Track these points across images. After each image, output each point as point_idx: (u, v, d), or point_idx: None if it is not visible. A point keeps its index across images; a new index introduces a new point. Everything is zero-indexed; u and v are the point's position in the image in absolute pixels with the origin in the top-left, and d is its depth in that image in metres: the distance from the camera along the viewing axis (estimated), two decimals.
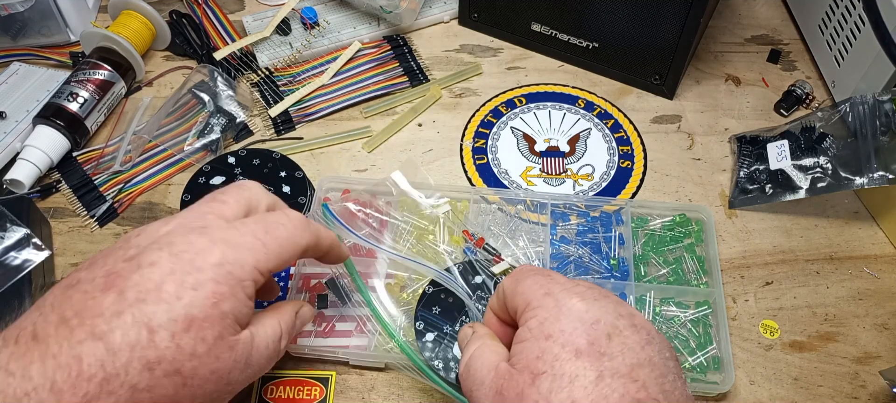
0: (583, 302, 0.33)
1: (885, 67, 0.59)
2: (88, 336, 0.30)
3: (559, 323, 0.32)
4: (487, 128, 0.68)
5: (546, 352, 0.31)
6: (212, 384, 0.33)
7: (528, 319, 0.33)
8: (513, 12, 0.73)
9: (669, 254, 0.57)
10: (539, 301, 0.34)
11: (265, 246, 0.36)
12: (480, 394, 0.34)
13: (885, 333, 0.54)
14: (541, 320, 0.33)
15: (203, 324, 0.32)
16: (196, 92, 0.67)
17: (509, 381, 0.32)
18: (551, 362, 0.31)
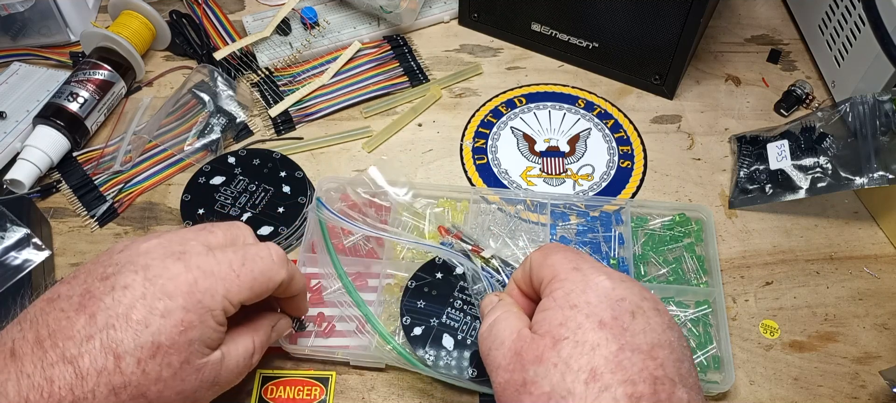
0: (610, 281, 0.34)
1: (884, 67, 0.59)
2: (60, 359, 0.32)
3: (585, 295, 0.33)
4: (487, 128, 0.68)
5: (570, 320, 0.32)
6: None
7: (554, 290, 0.34)
8: (513, 12, 0.73)
9: (669, 254, 0.57)
10: (567, 274, 0.34)
11: (238, 278, 0.36)
12: (498, 354, 0.34)
13: (885, 333, 0.54)
14: (566, 291, 0.34)
15: (169, 351, 0.33)
16: (196, 92, 0.67)
17: (530, 344, 0.33)
18: (574, 329, 0.32)
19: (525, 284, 0.39)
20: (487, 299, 0.41)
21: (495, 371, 0.35)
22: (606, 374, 0.30)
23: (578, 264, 0.35)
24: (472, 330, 0.48)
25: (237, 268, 0.37)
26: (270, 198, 0.58)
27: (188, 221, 0.56)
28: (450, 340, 0.48)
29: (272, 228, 0.56)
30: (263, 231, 0.56)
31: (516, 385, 0.32)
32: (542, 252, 0.38)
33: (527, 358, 0.32)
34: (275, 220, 0.56)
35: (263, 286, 0.38)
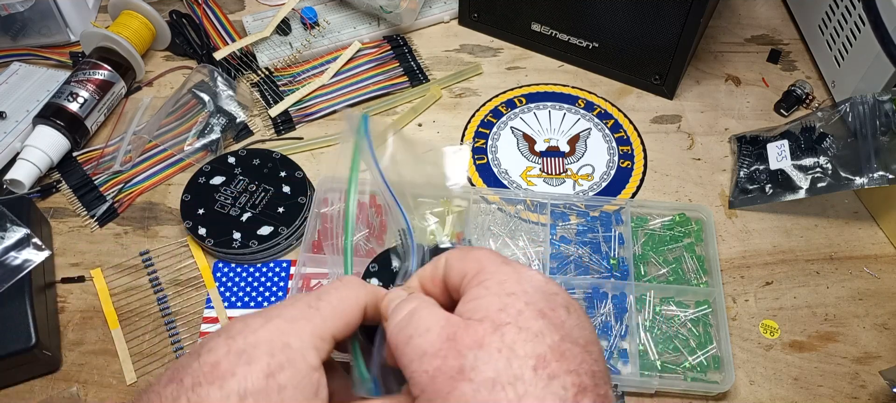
0: (541, 276, 0.33)
1: (885, 67, 0.59)
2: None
3: (521, 285, 0.32)
4: (487, 128, 0.68)
5: (509, 306, 0.31)
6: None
7: (484, 279, 0.33)
8: (513, 12, 0.73)
9: (669, 254, 0.57)
10: (496, 267, 0.33)
11: (319, 311, 0.36)
12: (423, 341, 0.32)
13: (885, 333, 0.54)
14: (500, 280, 0.32)
15: (259, 397, 0.33)
16: (196, 92, 0.67)
17: (465, 329, 0.31)
18: (515, 315, 0.31)
19: (433, 284, 0.37)
20: (394, 292, 0.38)
21: (420, 360, 0.32)
22: (553, 363, 0.30)
23: (506, 260, 0.34)
24: None
25: (314, 304, 0.36)
26: (270, 198, 0.58)
27: (188, 221, 0.56)
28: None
29: (272, 228, 0.56)
30: (263, 231, 0.56)
31: (451, 372, 0.30)
32: (461, 250, 0.36)
33: (464, 343, 0.31)
34: (275, 220, 0.56)
35: (347, 311, 0.37)
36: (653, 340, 0.52)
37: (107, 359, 0.51)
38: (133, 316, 0.53)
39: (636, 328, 0.52)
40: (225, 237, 0.55)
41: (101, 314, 0.53)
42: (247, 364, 0.33)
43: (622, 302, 0.53)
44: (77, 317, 0.53)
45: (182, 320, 0.54)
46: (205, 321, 0.53)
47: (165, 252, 0.57)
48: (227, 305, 0.54)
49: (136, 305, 0.54)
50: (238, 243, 0.55)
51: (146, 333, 0.53)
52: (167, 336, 0.52)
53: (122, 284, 0.55)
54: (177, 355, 0.51)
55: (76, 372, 0.51)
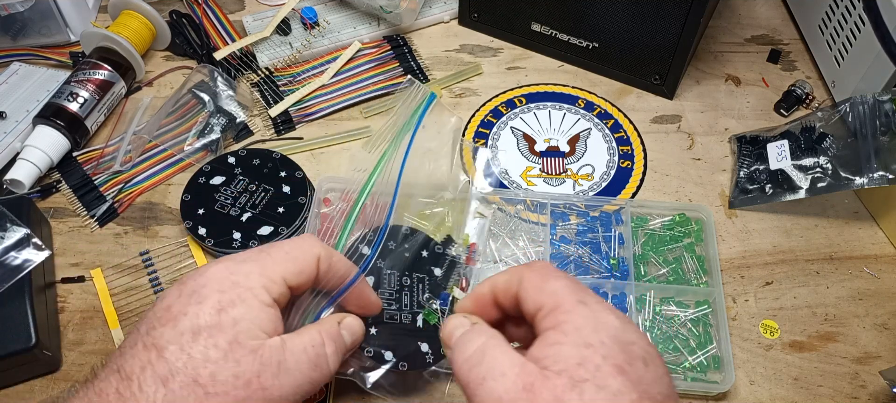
0: (619, 321, 0.32)
1: (885, 67, 0.59)
2: (111, 373, 0.33)
3: (598, 335, 0.30)
4: (487, 128, 0.68)
5: (587, 361, 0.30)
6: (241, 389, 0.33)
7: (560, 322, 0.32)
8: (513, 12, 0.73)
9: (669, 254, 0.57)
10: (572, 306, 0.32)
11: (269, 255, 0.37)
12: (497, 386, 0.31)
13: (885, 333, 0.54)
14: (576, 326, 0.31)
15: (212, 331, 0.33)
16: (196, 92, 0.67)
17: (543, 381, 0.30)
18: (593, 372, 0.29)
19: (505, 296, 0.36)
20: (457, 321, 0.36)
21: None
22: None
23: (583, 297, 0.33)
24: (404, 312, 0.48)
25: (265, 249, 0.37)
26: (270, 198, 0.58)
27: (188, 221, 0.56)
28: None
29: (272, 228, 0.56)
30: (263, 231, 0.56)
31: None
32: (540, 274, 0.34)
33: (541, 397, 0.29)
34: (275, 220, 0.56)
35: (300, 258, 0.38)
36: (653, 340, 0.52)
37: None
38: (133, 315, 0.53)
39: None
40: (225, 237, 0.55)
41: (101, 314, 0.53)
42: (198, 302, 0.34)
43: (622, 303, 0.53)
44: (77, 317, 0.53)
45: None
46: None
47: (165, 252, 0.57)
48: None
49: (136, 305, 0.54)
50: (238, 243, 0.55)
51: None
52: None
53: (122, 284, 0.55)
54: None
55: (76, 372, 0.51)
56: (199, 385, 0.32)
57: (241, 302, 0.35)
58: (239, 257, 0.37)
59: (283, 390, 0.35)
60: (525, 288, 0.34)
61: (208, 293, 0.34)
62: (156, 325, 0.34)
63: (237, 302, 0.34)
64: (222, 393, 0.33)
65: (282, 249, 0.38)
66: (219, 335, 0.33)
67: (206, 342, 0.33)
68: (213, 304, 0.34)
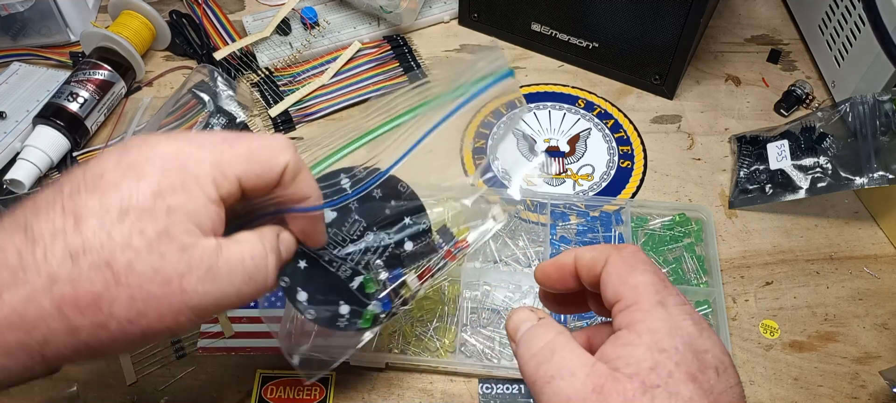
0: (696, 328, 0.31)
1: (885, 67, 0.59)
2: (16, 230, 0.29)
3: (672, 340, 0.30)
4: (487, 128, 0.68)
5: (660, 366, 0.29)
6: (157, 286, 0.29)
7: (636, 322, 0.31)
8: (513, 12, 0.73)
9: (669, 254, 0.57)
10: (650, 306, 0.31)
11: (231, 147, 0.32)
12: (566, 385, 0.30)
13: (885, 333, 0.54)
14: (652, 328, 0.30)
15: (142, 215, 0.29)
16: (196, 92, 0.67)
17: (614, 383, 0.29)
18: (665, 378, 0.29)
19: (588, 275, 0.34)
20: (523, 314, 0.35)
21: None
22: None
23: (664, 297, 0.31)
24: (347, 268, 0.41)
25: (231, 139, 0.32)
26: None
27: None
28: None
29: None
30: None
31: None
32: (626, 263, 0.33)
33: (611, 399, 0.29)
34: None
35: (262, 161, 0.32)
36: None
37: (107, 359, 0.51)
38: None
39: None
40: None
41: None
42: (135, 178, 0.30)
43: None
44: None
45: None
46: None
47: None
48: None
49: None
50: None
51: None
52: None
53: None
54: (177, 355, 0.51)
55: (76, 372, 0.51)
56: (111, 271, 0.29)
57: (184, 190, 0.30)
58: (196, 139, 0.32)
59: (205, 298, 0.31)
60: (608, 274, 0.33)
61: (149, 171, 0.30)
62: (82, 190, 0.29)
63: (179, 189, 0.30)
64: (135, 286, 0.29)
65: (246, 145, 0.32)
66: (148, 221, 0.29)
67: (132, 226, 0.29)
68: (152, 185, 0.30)
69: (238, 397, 0.49)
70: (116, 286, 0.29)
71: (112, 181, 0.30)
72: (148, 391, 0.50)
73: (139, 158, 0.30)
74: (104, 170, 0.30)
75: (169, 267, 0.29)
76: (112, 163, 0.30)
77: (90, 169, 0.30)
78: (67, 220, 0.29)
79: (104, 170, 0.30)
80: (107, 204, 0.29)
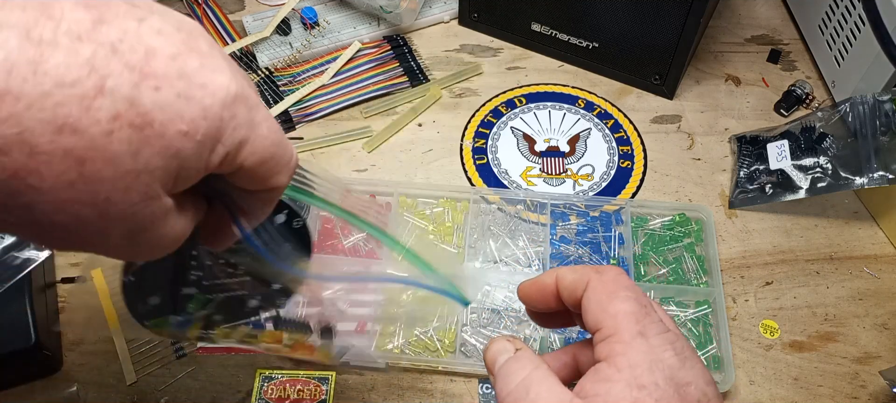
0: (677, 359, 0.30)
1: (885, 67, 0.59)
2: None
3: (653, 375, 0.29)
4: (487, 128, 0.68)
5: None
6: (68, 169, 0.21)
7: (615, 354, 0.30)
8: (513, 12, 0.73)
9: (669, 254, 0.57)
10: (631, 338, 0.30)
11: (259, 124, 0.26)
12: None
13: (885, 333, 0.54)
14: (631, 363, 0.29)
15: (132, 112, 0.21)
16: None
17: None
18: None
19: (569, 298, 0.34)
20: (501, 345, 0.34)
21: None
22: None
23: (645, 327, 0.30)
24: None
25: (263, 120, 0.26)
26: None
27: None
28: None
29: None
30: None
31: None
32: (606, 290, 0.31)
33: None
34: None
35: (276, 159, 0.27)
36: None
37: (107, 359, 0.51)
38: None
39: None
40: None
41: (101, 314, 0.53)
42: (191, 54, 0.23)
43: None
44: (77, 317, 0.53)
45: None
46: None
47: None
48: None
49: None
50: None
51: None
52: None
53: None
54: (177, 355, 0.51)
55: (76, 372, 0.51)
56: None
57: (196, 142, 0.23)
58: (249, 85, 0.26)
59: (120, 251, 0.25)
60: (588, 300, 0.32)
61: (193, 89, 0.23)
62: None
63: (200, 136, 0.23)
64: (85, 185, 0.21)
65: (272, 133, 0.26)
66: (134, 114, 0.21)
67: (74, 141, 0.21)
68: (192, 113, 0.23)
69: (238, 397, 0.49)
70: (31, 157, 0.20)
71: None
72: (148, 391, 0.50)
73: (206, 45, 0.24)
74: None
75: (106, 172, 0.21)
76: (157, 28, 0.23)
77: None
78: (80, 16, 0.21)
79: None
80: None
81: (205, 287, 0.37)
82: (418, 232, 0.57)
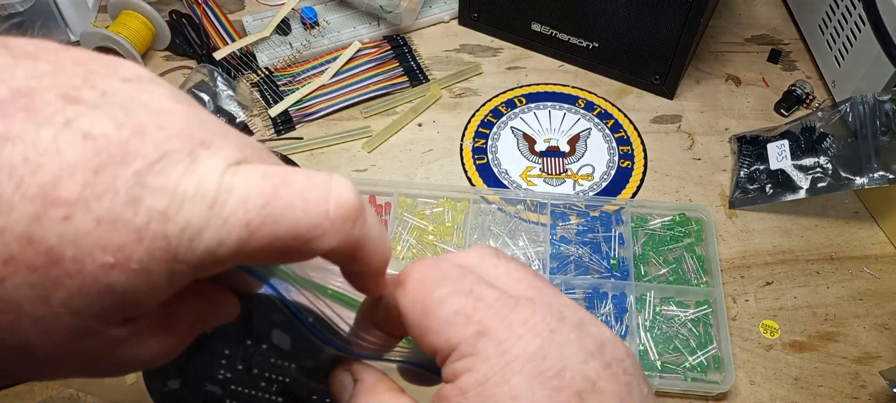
0: (536, 339, 0.21)
1: (885, 67, 0.59)
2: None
3: (509, 386, 0.21)
4: (487, 128, 0.68)
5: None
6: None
7: (459, 373, 0.22)
8: (513, 12, 0.73)
9: (669, 254, 0.57)
10: (471, 344, 0.21)
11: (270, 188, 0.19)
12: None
13: (885, 333, 0.54)
14: (480, 379, 0.21)
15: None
16: (196, 92, 0.67)
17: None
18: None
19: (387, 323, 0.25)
20: (341, 379, 0.26)
21: None
22: None
23: (483, 323, 0.21)
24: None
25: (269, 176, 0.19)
26: None
27: None
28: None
29: None
30: None
31: None
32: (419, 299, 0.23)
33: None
34: None
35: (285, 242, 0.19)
36: (653, 340, 0.52)
37: None
38: None
39: (636, 328, 0.52)
40: None
41: None
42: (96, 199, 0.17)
43: (622, 303, 0.53)
44: None
45: None
46: None
47: None
48: None
49: None
50: None
51: None
52: None
53: None
54: None
55: None
56: None
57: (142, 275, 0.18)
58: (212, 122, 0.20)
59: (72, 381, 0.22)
60: (409, 326, 0.23)
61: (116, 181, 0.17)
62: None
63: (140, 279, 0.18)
64: None
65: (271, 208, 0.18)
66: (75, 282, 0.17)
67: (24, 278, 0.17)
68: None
69: None
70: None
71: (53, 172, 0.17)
72: None
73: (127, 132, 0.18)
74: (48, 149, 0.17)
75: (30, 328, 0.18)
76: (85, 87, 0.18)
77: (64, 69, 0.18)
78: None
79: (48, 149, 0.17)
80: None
81: (232, 392, 0.29)
82: (418, 233, 0.57)
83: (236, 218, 0.18)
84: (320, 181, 0.19)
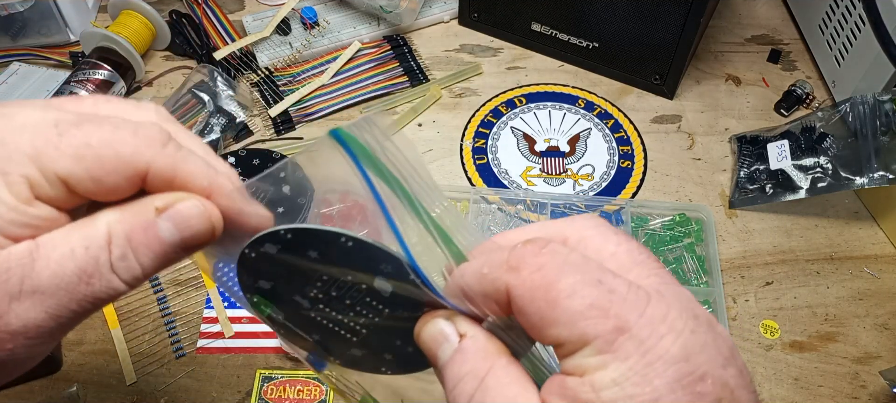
0: (679, 339, 0.20)
1: (885, 67, 0.59)
2: None
3: (651, 387, 0.20)
4: (487, 128, 0.68)
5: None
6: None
7: (590, 368, 0.20)
8: (513, 12, 0.73)
9: (669, 254, 0.57)
10: (608, 340, 0.20)
11: (61, 136, 0.22)
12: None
13: (885, 333, 0.54)
14: (617, 378, 0.20)
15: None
16: (196, 92, 0.67)
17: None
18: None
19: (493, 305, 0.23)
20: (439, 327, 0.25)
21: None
22: None
23: (622, 318, 0.20)
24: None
25: (65, 129, 0.22)
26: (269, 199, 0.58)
27: None
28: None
29: None
30: None
31: None
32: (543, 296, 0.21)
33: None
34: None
35: (103, 161, 0.22)
36: None
37: (107, 359, 0.51)
38: (133, 315, 0.53)
39: None
40: None
41: (101, 314, 0.53)
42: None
43: None
44: None
45: (182, 320, 0.54)
46: (204, 321, 0.53)
47: None
48: (227, 305, 0.54)
49: (136, 305, 0.54)
50: None
51: (146, 333, 0.53)
52: (167, 336, 0.52)
53: None
54: (176, 355, 0.51)
55: (76, 372, 0.51)
56: None
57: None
58: (24, 112, 0.23)
59: (29, 317, 0.23)
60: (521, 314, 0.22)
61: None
62: None
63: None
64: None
65: (86, 137, 0.22)
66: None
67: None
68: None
69: (238, 397, 0.49)
70: None
71: None
72: (148, 391, 0.50)
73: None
74: None
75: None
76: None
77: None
78: None
79: None
80: None
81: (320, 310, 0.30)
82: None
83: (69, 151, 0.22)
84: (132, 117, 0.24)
